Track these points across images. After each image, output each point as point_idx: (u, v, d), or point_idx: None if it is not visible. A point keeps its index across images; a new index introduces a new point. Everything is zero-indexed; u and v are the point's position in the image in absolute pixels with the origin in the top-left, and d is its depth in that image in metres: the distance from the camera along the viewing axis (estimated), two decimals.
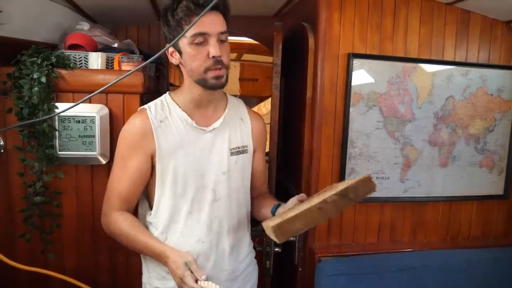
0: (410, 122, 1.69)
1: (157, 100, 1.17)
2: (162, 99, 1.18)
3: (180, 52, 1.08)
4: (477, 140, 1.78)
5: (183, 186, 1.13)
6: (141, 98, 1.44)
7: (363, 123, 1.63)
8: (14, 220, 1.40)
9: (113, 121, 1.42)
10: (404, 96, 1.66)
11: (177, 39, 0.92)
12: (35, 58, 1.31)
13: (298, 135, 1.74)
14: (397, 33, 1.63)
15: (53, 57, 1.33)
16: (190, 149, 1.14)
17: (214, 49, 1.03)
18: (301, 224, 0.75)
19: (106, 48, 1.57)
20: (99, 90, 0.84)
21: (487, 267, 1.74)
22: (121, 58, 1.45)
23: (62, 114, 1.35)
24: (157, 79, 1.94)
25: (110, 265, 1.50)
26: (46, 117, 1.30)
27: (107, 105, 1.40)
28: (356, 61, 1.59)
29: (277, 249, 1.69)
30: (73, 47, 1.48)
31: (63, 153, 1.37)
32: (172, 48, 1.10)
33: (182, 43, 1.06)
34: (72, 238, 1.46)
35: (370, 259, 1.64)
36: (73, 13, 1.66)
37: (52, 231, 1.42)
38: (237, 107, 1.26)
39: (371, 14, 1.59)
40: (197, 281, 0.98)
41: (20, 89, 1.29)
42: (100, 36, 1.58)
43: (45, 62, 1.31)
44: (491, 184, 1.83)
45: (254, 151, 1.28)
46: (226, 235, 1.19)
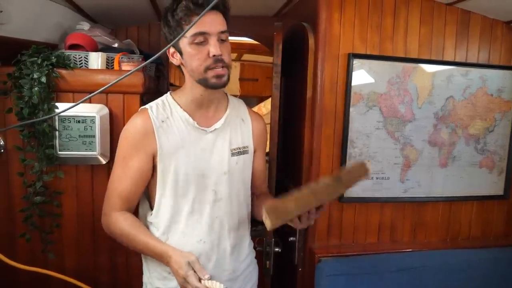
0: (410, 122, 1.69)
1: (158, 100, 1.17)
2: (164, 99, 1.17)
3: (180, 53, 1.08)
4: (477, 140, 1.78)
5: (184, 186, 1.13)
6: (141, 98, 1.44)
7: (363, 123, 1.63)
8: (14, 220, 1.40)
9: (113, 121, 1.42)
10: (404, 96, 1.66)
11: (177, 39, 0.92)
12: (35, 58, 1.31)
13: (298, 135, 1.74)
14: (397, 33, 1.63)
15: (53, 57, 1.33)
16: (191, 149, 1.13)
17: (214, 48, 1.03)
18: (294, 206, 0.76)
19: (106, 48, 1.57)
20: (99, 90, 0.84)
21: (487, 267, 1.74)
22: (121, 58, 1.46)
23: (62, 114, 1.35)
24: (157, 79, 1.94)
25: (110, 265, 1.50)
26: (46, 117, 1.30)
27: (107, 105, 1.41)
28: (356, 61, 1.59)
29: (277, 249, 1.69)
30: (73, 47, 1.48)
31: (63, 153, 1.37)
32: (173, 48, 1.10)
33: (182, 43, 1.06)
34: (72, 238, 1.46)
35: (370, 259, 1.64)
36: (73, 13, 1.66)
37: (52, 231, 1.42)
38: (238, 108, 1.26)
39: (371, 14, 1.59)
40: (200, 280, 0.97)
41: (20, 89, 1.29)
42: (100, 36, 1.58)
43: (45, 62, 1.31)
44: (491, 185, 1.83)
45: (254, 151, 1.28)
46: (227, 235, 1.19)
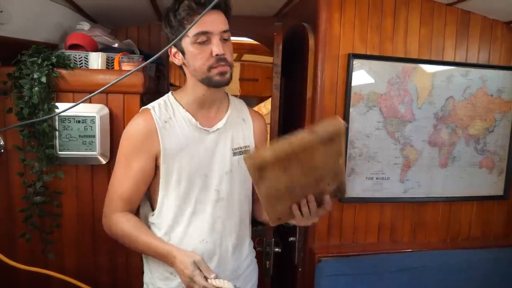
0: (410, 123, 1.69)
1: (160, 100, 1.17)
2: (165, 99, 1.17)
3: (183, 52, 1.08)
4: (477, 140, 1.78)
5: (187, 187, 1.13)
6: (141, 98, 1.44)
7: (363, 124, 1.63)
8: (14, 220, 1.40)
9: (113, 121, 1.42)
10: (404, 97, 1.66)
11: (179, 38, 0.92)
12: (36, 58, 1.31)
13: None
14: (397, 33, 1.63)
15: (53, 57, 1.33)
16: (194, 149, 1.13)
17: (217, 47, 1.03)
18: (270, 155, 0.78)
19: (106, 48, 1.57)
20: (99, 90, 0.84)
21: (487, 267, 1.74)
22: (121, 58, 1.46)
23: (62, 114, 1.35)
24: (157, 79, 1.94)
25: (110, 265, 1.50)
26: (46, 117, 1.30)
27: (107, 105, 1.41)
28: (356, 62, 1.59)
29: (277, 249, 1.69)
30: (73, 47, 1.48)
31: (63, 153, 1.37)
32: (174, 48, 1.09)
33: (184, 43, 1.06)
34: (72, 238, 1.46)
35: (370, 259, 1.64)
36: (73, 13, 1.66)
37: (52, 231, 1.42)
38: (239, 108, 1.26)
39: (371, 15, 1.59)
40: (206, 280, 0.97)
41: (20, 89, 1.29)
42: (101, 36, 1.58)
43: (46, 62, 1.31)
44: (491, 185, 1.83)
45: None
46: (229, 235, 1.19)
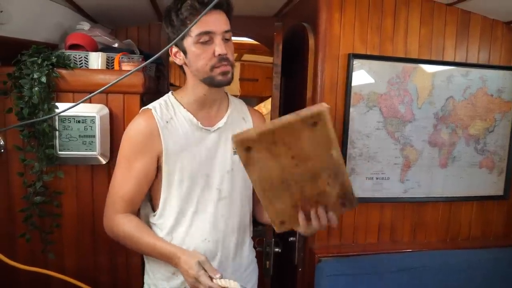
0: (410, 123, 1.69)
1: (160, 100, 1.16)
2: (166, 99, 1.17)
3: (184, 52, 1.08)
4: (477, 140, 1.78)
5: (189, 187, 1.13)
6: (141, 98, 1.44)
7: (363, 124, 1.63)
8: (14, 220, 1.40)
9: (113, 121, 1.42)
10: (404, 97, 1.66)
11: (179, 37, 0.92)
12: (36, 58, 1.30)
13: None
14: (397, 33, 1.63)
15: (53, 57, 1.33)
16: (196, 149, 1.13)
17: (219, 47, 1.03)
18: (254, 132, 0.82)
19: (106, 48, 1.57)
20: (99, 90, 0.83)
21: (487, 267, 1.74)
22: (122, 58, 1.45)
23: (62, 114, 1.35)
24: (157, 79, 1.94)
25: (110, 265, 1.50)
26: (46, 117, 1.30)
27: (107, 105, 1.40)
28: (356, 62, 1.59)
29: (277, 249, 1.69)
30: (73, 47, 1.48)
31: (63, 153, 1.37)
32: (176, 48, 1.09)
33: (187, 43, 1.05)
34: (72, 238, 1.46)
35: (370, 259, 1.64)
36: (73, 13, 1.66)
37: (52, 231, 1.42)
38: (239, 107, 1.26)
39: (372, 15, 1.59)
40: (212, 280, 0.97)
41: (20, 89, 1.29)
42: (101, 36, 1.58)
43: (46, 62, 1.31)
44: (491, 185, 1.83)
45: None
46: (231, 234, 1.19)
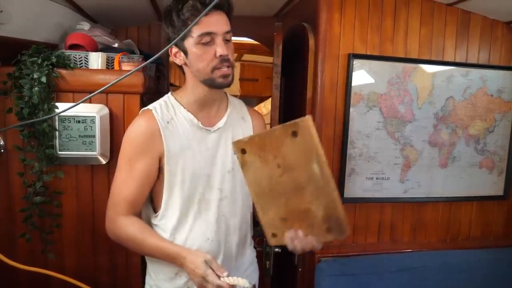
0: (410, 123, 1.69)
1: (160, 101, 1.16)
2: (166, 100, 1.16)
3: (185, 53, 1.07)
4: (477, 140, 1.78)
5: (191, 187, 1.12)
6: (141, 98, 1.44)
7: (363, 124, 1.63)
8: (14, 220, 1.40)
9: (113, 121, 1.42)
10: (404, 97, 1.66)
11: (179, 38, 0.92)
12: (36, 58, 1.30)
13: None
14: (397, 34, 1.63)
15: (53, 57, 1.33)
16: (197, 149, 1.13)
17: (221, 48, 1.03)
18: (247, 139, 0.92)
19: (106, 48, 1.57)
20: (99, 90, 0.83)
21: (487, 267, 1.74)
22: (121, 58, 1.45)
23: (62, 114, 1.35)
24: (157, 79, 1.94)
25: (110, 265, 1.50)
26: (46, 117, 1.30)
27: (107, 105, 1.40)
28: (356, 62, 1.59)
29: (277, 249, 1.69)
30: (73, 47, 1.48)
31: (63, 153, 1.37)
32: (176, 48, 1.09)
33: (188, 44, 1.05)
34: (72, 238, 1.46)
35: (370, 259, 1.64)
36: (73, 13, 1.66)
37: (52, 231, 1.42)
38: (238, 107, 1.26)
39: (372, 15, 1.59)
40: (219, 278, 0.97)
41: (20, 89, 1.29)
42: (101, 36, 1.58)
43: (46, 62, 1.31)
44: (491, 185, 1.83)
45: None
46: (232, 233, 1.19)
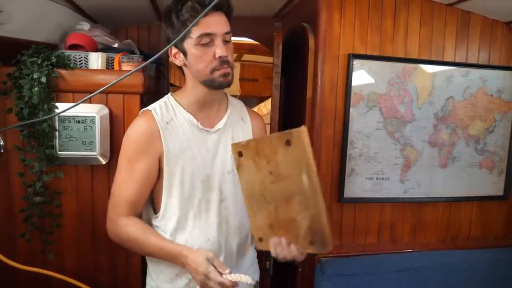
0: (410, 123, 1.69)
1: (160, 101, 1.16)
2: (166, 100, 1.16)
3: (184, 53, 1.07)
4: (477, 141, 1.78)
5: (190, 188, 1.13)
6: (141, 98, 1.44)
7: (363, 124, 1.63)
8: (14, 220, 1.40)
9: (113, 121, 1.42)
10: (404, 97, 1.66)
11: (178, 38, 0.92)
12: (35, 58, 1.31)
13: None
14: (397, 34, 1.63)
15: (53, 57, 1.33)
16: (196, 150, 1.13)
17: (220, 49, 1.03)
18: (244, 142, 0.96)
19: (106, 48, 1.57)
20: (99, 90, 0.84)
21: (487, 267, 1.74)
22: (121, 58, 1.45)
23: (62, 114, 1.35)
24: (157, 79, 1.94)
25: (110, 265, 1.50)
26: (46, 117, 1.30)
27: (107, 105, 1.40)
28: (356, 62, 1.59)
29: None
30: (73, 47, 1.48)
31: (63, 153, 1.37)
32: (175, 49, 1.09)
33: (187, 44, 1.05)
34: (72, 238, 1.46)
35: (370, 259, 1.64)
36: (73, 13, 1.66)
37: (52, 231, 1.42)
38: (238, 108, 1.26)
39: (372, 15, 1.59)
40: (221, 275, 0.97)
41: (20, 89, 1.29)
42: (101, 36, 1.58)
43: (45, 62, 1.31)
44: (491, 185, 1.83)
45: None
46: (233, 234, 1.19)
